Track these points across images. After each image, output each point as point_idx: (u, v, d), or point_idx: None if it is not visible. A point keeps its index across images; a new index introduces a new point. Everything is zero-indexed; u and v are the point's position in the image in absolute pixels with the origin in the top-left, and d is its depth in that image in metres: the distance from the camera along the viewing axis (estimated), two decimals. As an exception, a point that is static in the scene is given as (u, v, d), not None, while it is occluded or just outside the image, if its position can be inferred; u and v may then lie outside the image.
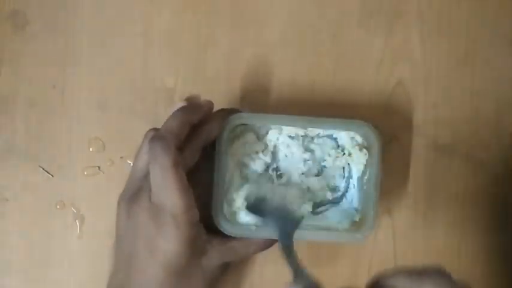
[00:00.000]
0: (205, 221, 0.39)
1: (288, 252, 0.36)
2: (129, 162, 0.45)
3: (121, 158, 0.46)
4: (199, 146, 0.40)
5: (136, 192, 0.39)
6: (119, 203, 0.40)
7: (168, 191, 0.36)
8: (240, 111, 0.42)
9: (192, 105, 0.41)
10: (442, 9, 0.47)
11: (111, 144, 0.46)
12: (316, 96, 0.46)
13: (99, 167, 0.46)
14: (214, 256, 0.39)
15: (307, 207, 0.43)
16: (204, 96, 0.46)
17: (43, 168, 0.45)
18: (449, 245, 0.46)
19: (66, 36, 0.46)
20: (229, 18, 0.46)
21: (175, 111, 0.40)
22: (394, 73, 0.47)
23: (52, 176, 0.45)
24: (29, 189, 0.45)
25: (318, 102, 0.45)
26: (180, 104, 0.44)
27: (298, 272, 0.34)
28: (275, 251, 0.41)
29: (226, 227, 0.40)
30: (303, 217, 0.41)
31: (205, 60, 0.46)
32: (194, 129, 0.40)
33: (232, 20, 0.46)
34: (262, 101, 0.46)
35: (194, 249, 0.38)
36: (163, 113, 0.45)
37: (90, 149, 0.46)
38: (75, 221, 0.45)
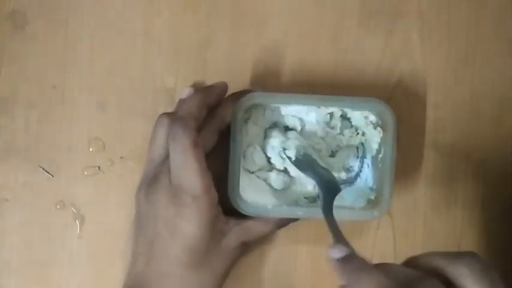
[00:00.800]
0: (221, 203, 0.39)
1: (330, 215, 0.37)
2: (130, 162, 0.45)
3: (121, 158, 0.46)
4: (216, 129, 0.40)
5: (154, 177, 0.39)
6: (138, 190, 0.41)
7: (188, 172, 0.37)
8: (252, 91, 0.41)
9: (209, 87, 0.41)
10: (442, 9, 0.47)
11: (111, 144, 0.46)
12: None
13: (99, 167, 0.46)
14: (232, 237, 0.39)
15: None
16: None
17: (43, 168, 0.45)
18: (449, 245, 0.46)
19: (66, 36, 0.46)
20: (229, 18, 0.46)
21: (193, 93, 0.40)
22: (394, 73, 0.47)
23: (52, 176, 0.45)
24: (29, 189, 0.45)
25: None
26: (188, 89, 0.44)
27: (339, 236, 0.34)
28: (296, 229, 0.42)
29: (242, 207, 0.40)
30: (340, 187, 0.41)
31: (205, 60, 0.46)
32: (210, 112, 0.40)
33: (232, 20, 0.46)
34: (262, 101, 0.46)
35: (214, 231, 0.38)
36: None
37: (90, 149, 0.46)
38: (75, 221, 0.45)
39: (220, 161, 0.40)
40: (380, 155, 0.42)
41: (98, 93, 0.46)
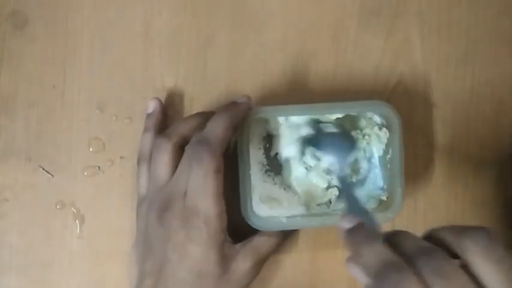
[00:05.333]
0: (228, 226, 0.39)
1: (346, 186, 0.39)
2: (130, 162, 0.45)
3: (121, 158, 0.46)
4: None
5: (166, 201, 0.39)
6: (145, 210, 0.40)
7: (206, 195, 0.37)
8: (252, 107, 0.41)
9: (234, 106, 0.41)
10: (442, 9, 0.47)
11: (111, 144, 0.46)
12: (315, 96, 0.46)
13: (99, 167, 0.46)
14: (240, 260, 0.39)
15: (334, 192, 0.43)
16: (204, 97, 0.46)
17: (43, 168, 0.45)
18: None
19: (66, 36, 0.46)
20: (229, 18, 0.46)
21: (219, 113, 0.39)
22: (394, 73, 0.47)
23: (52, 176, 0.45)
24: (29, 189, 0.45)
25: (318, 102, 0.45)
26: (152, 103, 0.44)
27: (354, 207, 0.35)
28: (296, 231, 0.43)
29: (257, 223, 0.40)
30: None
31: (205, 60, 0.46)
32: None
33: (232, 20, 0.46)
34: (261, 100, 0.46)
35: (221, 255, 0.38)
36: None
37: (90, 149, 0.46)
38: (75, 221, 0.45)
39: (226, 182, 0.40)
40: (388, 156, 0.42)
41: (97, 93, 0.46)
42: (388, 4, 0.47)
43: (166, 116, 0.45)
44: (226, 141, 0.39)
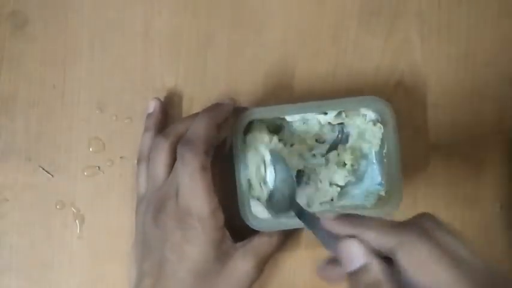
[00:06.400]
0: (228, 225, 0.39)
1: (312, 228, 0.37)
2: (130, 162, 0.45)
3: (121, 158, 0.46)
4: (212, 147, 0.40)
5: (161, 202, 0.39)
6: (143, 211, 0.41)
7: (196, 194, 0.37)
8: (247, 108, 0.41)
9: (217, 106, 0.41)
10: (442, 9, 0.47)
11: (111, 144, 0.46)
12: (315, 96, 0.46)
13: (99, 167, 0.46)
14: (239, 259, 0.39)
15: (335, 190, 0.43)
16: (204, 97, 0.46)
17: (43, 168, 0.45)
18: (449, 245, 0.46)
19: (66, 36, 0.46)
20: (229, 18, 0.46)
21: (201, 114, 0.40)
22: (394, 73, 0.47)
23: (52, 176, 0.45)
24: (29, 189, 0.45)
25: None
26: (153, 103, 0.44)
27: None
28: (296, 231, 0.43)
29: (255, 223, 0.40)
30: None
31: (205, 60, 0.46)
32: None
33: (232, 20, 0.46)
34: (261, 101, 0.46)
35: (220, 254, 0.38)
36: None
37: (90, 149, 0.46)
38: (75, 221, 0.45)
39: (222, 181, 0.40)
40: (384, 151, 0.42)
41: (97, 93, 0.46)
42: (388, 4, 0.47)
43: (167, 116, 0.45)
44: (209, 140, 0.39)
